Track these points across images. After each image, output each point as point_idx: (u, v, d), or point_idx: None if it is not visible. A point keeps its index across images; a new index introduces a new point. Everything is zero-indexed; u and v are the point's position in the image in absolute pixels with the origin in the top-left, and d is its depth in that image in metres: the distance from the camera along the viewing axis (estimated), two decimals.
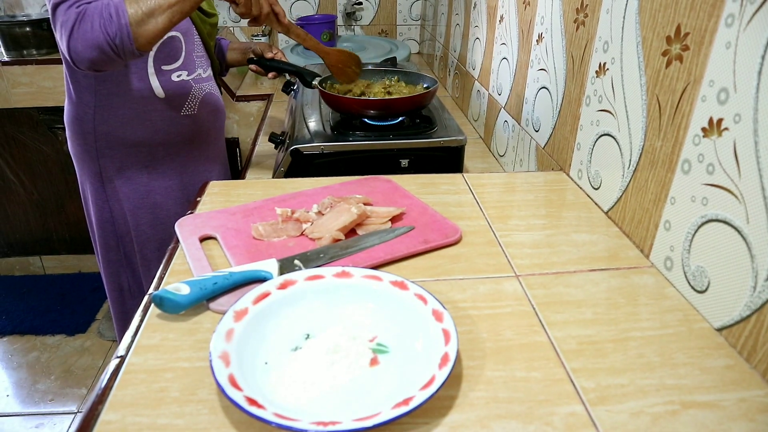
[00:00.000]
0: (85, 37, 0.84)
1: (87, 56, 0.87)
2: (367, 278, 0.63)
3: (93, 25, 0.85)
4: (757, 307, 0.56)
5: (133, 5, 0.87)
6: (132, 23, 0.86)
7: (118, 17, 0.85)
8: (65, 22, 0.86)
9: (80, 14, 0.85)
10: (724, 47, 0.59)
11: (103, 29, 0.85)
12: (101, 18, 0.85)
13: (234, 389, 0.48)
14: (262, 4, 1.00)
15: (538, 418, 0.50)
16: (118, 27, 0.85)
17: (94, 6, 0.86)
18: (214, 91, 1.23)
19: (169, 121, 1.14)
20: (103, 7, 0.86)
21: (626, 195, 0.80)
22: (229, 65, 1.36)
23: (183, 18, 0.93)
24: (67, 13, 0.85)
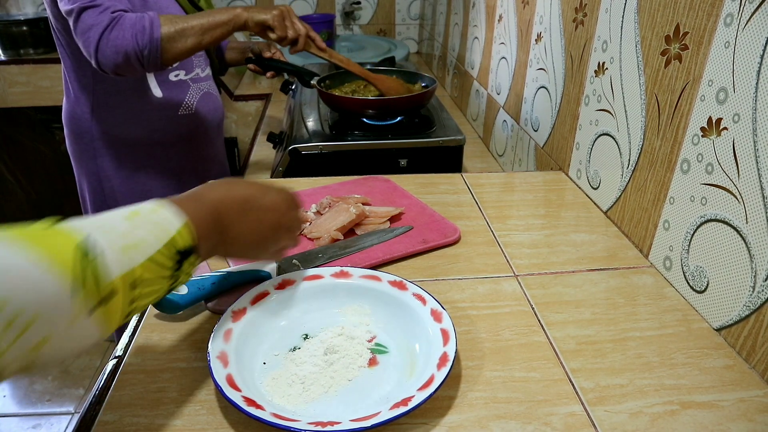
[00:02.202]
0: (116, 43, 0.87)
1: (113, 60, 0.89)
2: (365, 278, 0.63)
3: (125, 33, 0.87)
4: (756, 307, 0.55)
5: (167, 21, 0.91)
6: (164, 39, 0.90)
7: (151, 31, 0.88)
8: (96, 25, 0.88)
9: (114, 20, 0.88)
10: (723, 47, 0.59)
11: (134, 38, 0.88)
12: (134, 28, 0.88)
13: (232, 389, 0.47)
14: (298, 27, 1.00)
15: (537, 418, 0.50)
16: (150, 40, 0.88)
17: (129, 16, 0.89)
18: (213, 91, 1.23)
19: (167, 120, 1.14)
20: (138, 18, 0.89)
21: (625, 195, 0.80)
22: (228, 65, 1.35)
23: (213, 44, 0.96)
24: (99, 17, 0.87)
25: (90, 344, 0.39)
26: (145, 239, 0.42)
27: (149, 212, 0.44)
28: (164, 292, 0.45)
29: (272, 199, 0.56)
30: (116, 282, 0.39)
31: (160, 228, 0.43)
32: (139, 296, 0.41)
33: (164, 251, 0.43)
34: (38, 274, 0.34)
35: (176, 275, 0.45)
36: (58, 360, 0.38)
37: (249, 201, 0.54)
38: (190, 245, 0.45)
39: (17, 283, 0.33)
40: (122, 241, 0.40)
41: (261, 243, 0.55)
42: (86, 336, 0.38)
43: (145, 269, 0.41)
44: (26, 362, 0.35)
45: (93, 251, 0.37)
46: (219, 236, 0.50)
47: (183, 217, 0.45)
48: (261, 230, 0.55)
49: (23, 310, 0.33)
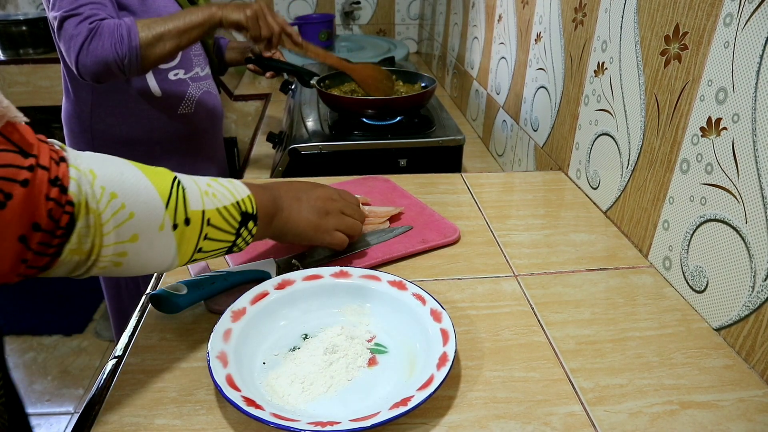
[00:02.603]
0: (95, 54, 0.89)
1: (93, 70, 0.91)
2: (365, 278, 0.63)
3: (104, 43, 0.89)
4: (755, 306, 0.56)
5: (144, 28, 0.91)
6: (142, 46, 0.91)
7: (129, 39, 0.90)
8: (75, 36, 0.89)
9: (93, 30, 0.89)
10: (722, 47, 0.59)
11: (113, 49, 0.89)
12: (112, 38, 0.89)
13: (232, 389, 0.47)
14: (272, 25, 1.00)
15: (537, 418, 0.50)
16: (128, 49, 0.90)
17: (107, 24, 0.89)
18: (212, 90, 1.23)
19: (166, 119, 1.14)
20: (116, 26, 0.89)
21: (625, 195, 0.80)
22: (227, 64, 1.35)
23: (191, 45, 0.97)
24: (78, 28, 0.89)
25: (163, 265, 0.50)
26: (220, 193, 0.53)
27: (224, 180, 0.56)
28: (227, 246, 0.54)
29: (323, 189, 0.67)
30: (194, 213, 0.50)
31: (232, 191, 0.54)
32: (209, 235, 0.51)
33: (232, 208, 0.53)
34: (145, 185, 0.46)
35: (238, 233, 0.54)
36: (137, 269, 0.48)
37: (302, 189, 0.66)
38: (252, 211, 0.56)
39: (128, 187, 0.45)
40: (203, 188, 0.52)
41: (313, 224, 0.64)
42: (164, 250, 0.48)
43: (217, 216, 0.52)
44: (118, 253, 0.45)
45: (181, 185, 0.50)
46: (275, 215, 0.61)
47: (249, 191, 0.56)
48: (312, 213, 0.64)
49: (126, 206, 0.44)
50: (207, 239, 0.51)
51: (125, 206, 0.44)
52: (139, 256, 0.46)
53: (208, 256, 0.53)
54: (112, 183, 0.43)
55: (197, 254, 0.52)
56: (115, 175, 0.44)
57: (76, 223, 0.41)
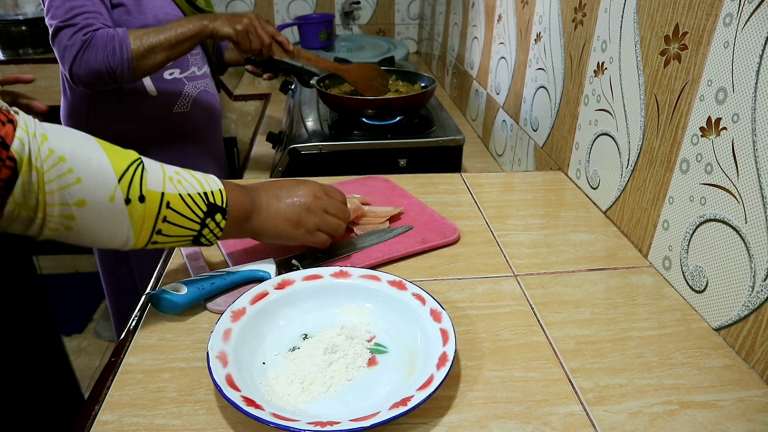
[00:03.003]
0: (89, 65, 0.91)
1: (86, 79, 0.94)
2: (365, 278, 0.63)
3: (97, 55, 0.91)
4: (755, 306, 0.56)
5: (136, 40, 0.94)
6: (133, 58, 0.94)
7: (121, 52, 0.93)
8: (70, 47, 0.92)
9: (86, 42, 0.91)
10: (722, 47, 0.59)
11: (106, 60, 0.92)
12: (105, 50, 0.92)
13: (231, 389, 0.47)
14: (261, 36, 1.01)
15: (537, 418, 0.50)
16: (120, 61, 0.93)
17: (99, 35, 0.92)
18: (210, 90, 1.23)
19: (162, 118, 1.14)
20: (108, 38, 0.92)
21: (624, 195, 0.80)
22: (227, 64, 1.35)
23: (182, 56, 1.01)
24: (72, 39, 0.91)
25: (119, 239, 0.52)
26: (187, 181, 0.55)
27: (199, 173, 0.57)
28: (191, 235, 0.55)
29: (305, 186, 0.65)
30: (151, 192, 0.51)
31: (201, 182, 0.56)
32: (167, 220, 0.53)
33: (197, 197, 0.55)
34: (98, 156, 0.49)
35: (204, 224, 0.56)
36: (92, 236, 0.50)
37: (284, 187, 0.65)
38: (221, 204, 0.56)
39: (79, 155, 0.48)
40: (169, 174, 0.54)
41: (292, 222, 0.63)
42: (116, 222, 0.50)
43: (179, 200, 0.53)
44: (65, 216, 0.48)
45: (142, 165, 0.52)
46: (252, 214, 0.61)
47: (221, 185, 0.58)
48: (292, 211, 0.63)
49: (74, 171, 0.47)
50: (166, 222, 0.53)
51: (72, 171, 0.47)
52: (89, 223, 0.49)
53: (170, 241, 0.55)
54: (62, 148, 0.47)
55: (157, 236, 0.53)
56: (68, 143, 0.48)
57: (18, 177, 0.44)
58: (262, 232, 0.62)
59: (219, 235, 0.58)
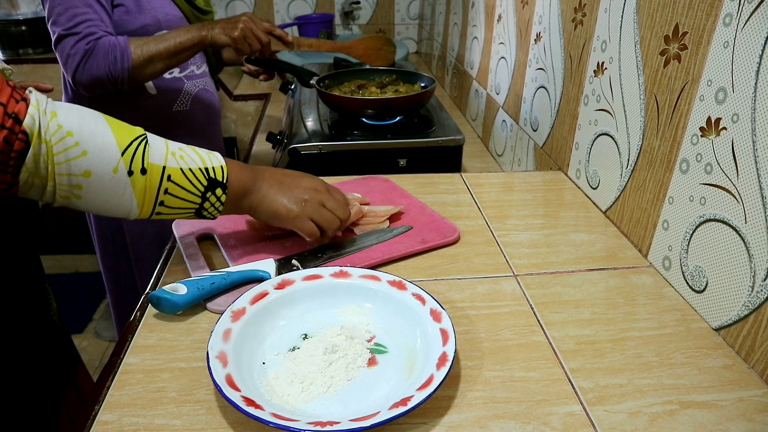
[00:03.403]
0: (91, 73, 0.96)
1: (88, 86, 0.99)
2: (365, 278, 0.63)
3: (99, 64, 0.96)
4: (755, 306, 0.56)
5: (137, 49, 0.98)
6: (134, 67, 0.98)
7: (122, 62, 0.97)
8: (73, 55, 0.96)
9: (89, 51, 0.95)
10: (722, 46, 0.59)
11: (107, 69, 0.96)
12: (106, 59, 0.96)
13: (231, 389, 0.47)
14: (259, 37, 1.03)
15: (537, 418, 0.50)
16: (121, 70, 0.97)
17: (101, 44, 0.95)
18: (209, 88, 1.23)
19: (162, 116, 1.15)
20: (110, 48, 0.96)
21: (624, 195, 0.80)
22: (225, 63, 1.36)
23: (180, 64, 1.05)
24: (75, 47, 0.95)
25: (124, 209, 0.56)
26: (189, 157, 0.58)
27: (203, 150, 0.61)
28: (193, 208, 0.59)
29: (310, 179, 0.69)
30: (153, 165, 0.55)
31: (204, 158, 0.60)
32: (170, 193, 0.57)
33: (198, 172, 0.58)
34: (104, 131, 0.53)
35: (205, 197, 0.59)
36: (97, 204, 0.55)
37: (288, 175, 0.68)
38: (222, 180, 0.60)
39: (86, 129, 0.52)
40: (172, 149, 0.57)
41: (287, 208, 0.66)
42: (120, 193, 0.54)
43: (180, 174, 0.57)
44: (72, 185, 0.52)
45: (146, 141, 0.56)
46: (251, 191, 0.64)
47: (223, 162, 0.61)
48: (290, 198, 0.66)
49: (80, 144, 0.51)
50: (168, 194, 0.57)
51: (79, 144, 0.51)
52: (95, 192, 0.53)
53: (173, 213, 0.59)
54: (70, 124, 0.51)
55: (160, 207, 0.57)
56: (75, 119, 0.52)
57: (30, 149, 0.49)
58: (259, 209, 0.66)
59: (220, 208, 0.61)
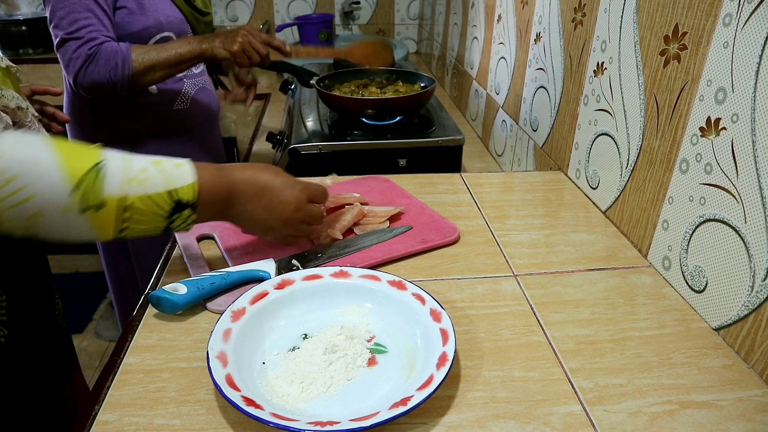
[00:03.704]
0: (92, 77, 0.98)
1: (90, 89, 1.01)
2: (365, 278, 0.63)
3: (100, 69, 0.98)
4: (754, 306, 0.56)
5: (138, 57, 1.00)
6: (134, 74, 1.00)
7: (123, 68, 0.99)
8: (75, 59, 0.98)
9: (91, 57, 0.97)
10: (721, 47, 0.59)
11: (108, 74, 0.99)
12: (108, 65, 0.98)
13: (231, 389, 0.47)
14: (258, 49, 1.05)
15: (536, 418, 0.50)
16: (121, 76, 0.99)
17: (104, 50, 0.98)
18: (208, 86, 1.25)
19: (162, 115, 1.16)
20: (112, 53, 0.98)
21: (624, 195, 0.80)
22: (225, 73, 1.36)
23: (179, 73, 1.09)
24: (77, 52, 0.97)
25: (85, 238, 0.52)
26: (152, 179, 0.53)
27: (170, 164, 0.56)
28: (160, 229, 0.56)
29: (290, 194, 0.64)
30: (108, 198, 0.51)
31: (170, 177, 0.55)
32: (131, 220, 0.53)
33: (162, 197, 0.54)
34: (51, 168, 0.48)
35: (172, 219, 0.55)
36: (57, 238, 0.52)
37: (267, 189, 0.62)
38: (189, 200, 0.55)
39: (32, 169, 0.48)
40: (133, 174, 0.52)
41: (266, 228, 0.64)
42: (77, 228, 0.51)
43: (141, 201, 0.53)
44: (26, 225, 0.49)
45: (102, 171, 0.51)
46: (225, 208, 0.60)
47: (194, 177, 0.56)
48: (268, 218, 0.63)
49: (26, 187, 0.47)
50: (130, 221, 0.53)
51: (26, 187, 0.48)
52: (51, 228, 0.51)
53: (139, 234, 0.55)
54: (13, 165, 0.47)
55: (123, 233, 0.54)
56: (19, 157, 0.48)
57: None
58: (237, 223, 0.64)
59: (191, 225, 0.58)
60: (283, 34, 2.36)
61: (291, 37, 2.36)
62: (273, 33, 2.35)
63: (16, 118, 0.58)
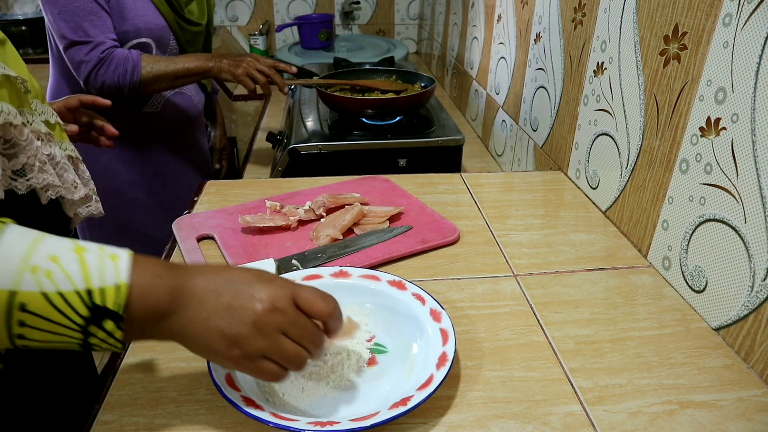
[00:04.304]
0: (103, 80, 1.03)
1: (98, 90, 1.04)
2: (365, 278, 0.63)
3: (110, 73, 1.03)
4: (754, 306, 0.56)
5: (147, 66, 1.04)
6: (141, 83, 1.05)
7: (132, 75, 1.04)
8: (86, 62, 1.01)
9: (103, 60, 1.02)
10: (721, 47, 0.59)
11: (117, 79, 1.03)
12: (117, 70, 1.03)
13: (231, 389, 0.47)
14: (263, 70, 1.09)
15: (536, 418, 0.50)
16: (130, 82, 1.04)
17: (116, 56, 1.02)
18: (186, 91, 1.22)
19: (133, 117, 1.15)
20: (123, 60, 1.03)
21: (624, 195, 0.80)
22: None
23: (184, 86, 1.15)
24: (90, 55, 1.01)
25: None
26: (64, 273, 0.38)
27: (99, 254, 0.40)
28: (73, 343, 0.39)
29: (264, 288, 0.43)
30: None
31: (91, 272, 0.39)
32: (29, 323, 0.37)
33: (74, 296, 0.38)
34: None
35: (87, 332, 0.39)
36: None
37: (232, 283, 0.43)
38: (114, 307, 0.39)
39: None
40: (34, 261, 0.37)
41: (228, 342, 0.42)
42: None
43: (39, 301, 0.37)
44: None
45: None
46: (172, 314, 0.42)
47: (127, 278, 0.39)
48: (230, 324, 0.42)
49: None
50: (26, 327, 0.38)
51: None
52: None
53: (45, 346, 0.39)
54: None
55: (20, 340, 0.38)
56: None
57: None
58: (180, 339, 0.43)
59: (117, 343, 0.40)
60: (283, 34, 2.37)
61: (291, 37, 2.36)
62: (272, 35, 2.35)
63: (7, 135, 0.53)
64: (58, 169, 0.60)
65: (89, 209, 0.67)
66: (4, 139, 0.53)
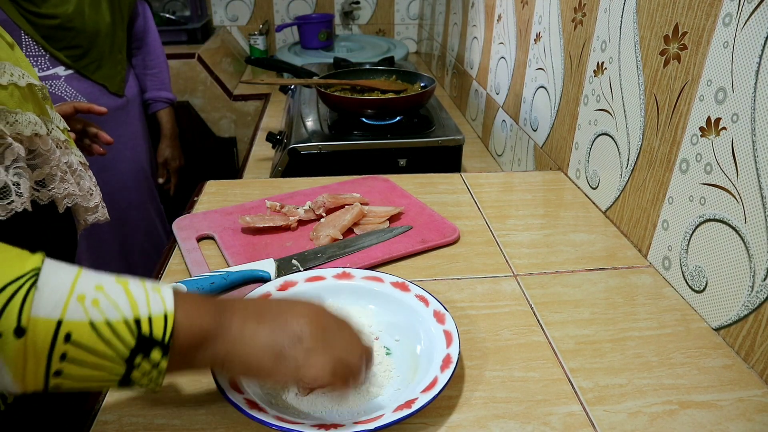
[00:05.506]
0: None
1: None
2: (367, 279, 0.62)
3: None
4: (754, 306, 0.56)
5: None
6: None
7: None
8: None
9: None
10: (721, 46, 0.59)
11: None
12: None
13: (235, 392, 0.47)
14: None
15: (536, 418, 0.50)
16: None
17: None
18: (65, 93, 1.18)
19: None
20: None
21: (624, 195, 0.80)
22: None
23: None
24: None
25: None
26: (111, 302, 0.36)
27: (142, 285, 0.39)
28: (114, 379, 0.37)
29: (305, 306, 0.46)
30: (38, 320, 0.33)
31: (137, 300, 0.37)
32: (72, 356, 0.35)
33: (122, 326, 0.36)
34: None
35: (131, 365, 0.37)
36: None
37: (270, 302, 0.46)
38: (161, 338, 0.37)
39: None
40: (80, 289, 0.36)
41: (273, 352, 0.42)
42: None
43: (86, 331, 0.35)
44: None
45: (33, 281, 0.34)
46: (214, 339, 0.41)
47: (172, 308, 0.38)
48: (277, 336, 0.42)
49: None
50: (69, 362, 0.35)
51: None
52: None
53: (78, 386, 0.37)
54: None
55: (57, 379, 0.35)
56: None
57: None
58: (226, 361, 0.42)
59: (159, 379, 0.39)
60: (282, 33, 2.36)
61: (291, 36, 2.36)
62: (272, 34, 2.35)
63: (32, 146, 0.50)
64: (75, 177, 0.60)
65: (96, 215, 0.66)
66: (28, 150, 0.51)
